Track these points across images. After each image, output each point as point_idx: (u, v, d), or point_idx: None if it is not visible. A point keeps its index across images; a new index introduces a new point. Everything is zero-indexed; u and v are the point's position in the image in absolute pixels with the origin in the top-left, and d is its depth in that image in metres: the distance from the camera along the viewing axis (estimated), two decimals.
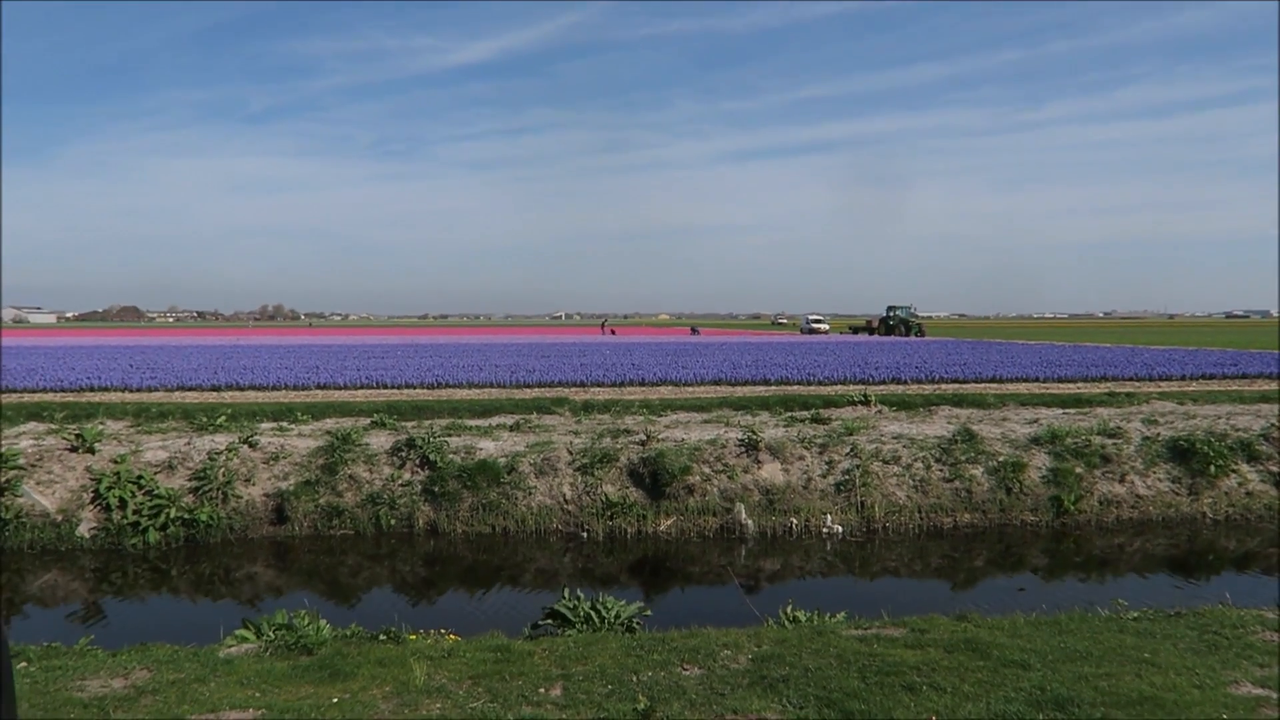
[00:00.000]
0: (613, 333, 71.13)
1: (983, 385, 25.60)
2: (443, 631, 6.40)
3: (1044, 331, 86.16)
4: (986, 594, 11.31)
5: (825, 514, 13.80)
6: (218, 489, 13.59)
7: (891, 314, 68.54)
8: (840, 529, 13.63)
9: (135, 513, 13.19)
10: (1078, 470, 14.69)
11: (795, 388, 25.53)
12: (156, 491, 13.41)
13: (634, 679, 4.96)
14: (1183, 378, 26.78)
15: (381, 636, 5.96)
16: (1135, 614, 6.75)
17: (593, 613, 6.62)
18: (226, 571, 12.73)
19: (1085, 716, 4.37)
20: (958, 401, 20.41)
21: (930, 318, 79.45)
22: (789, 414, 18.14)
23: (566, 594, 7.15)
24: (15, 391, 25.09)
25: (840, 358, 34.24)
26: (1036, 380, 26.84)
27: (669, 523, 13.74)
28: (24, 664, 5.50)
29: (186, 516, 13.23)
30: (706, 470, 14.31)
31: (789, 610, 7.06)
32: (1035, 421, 16.90)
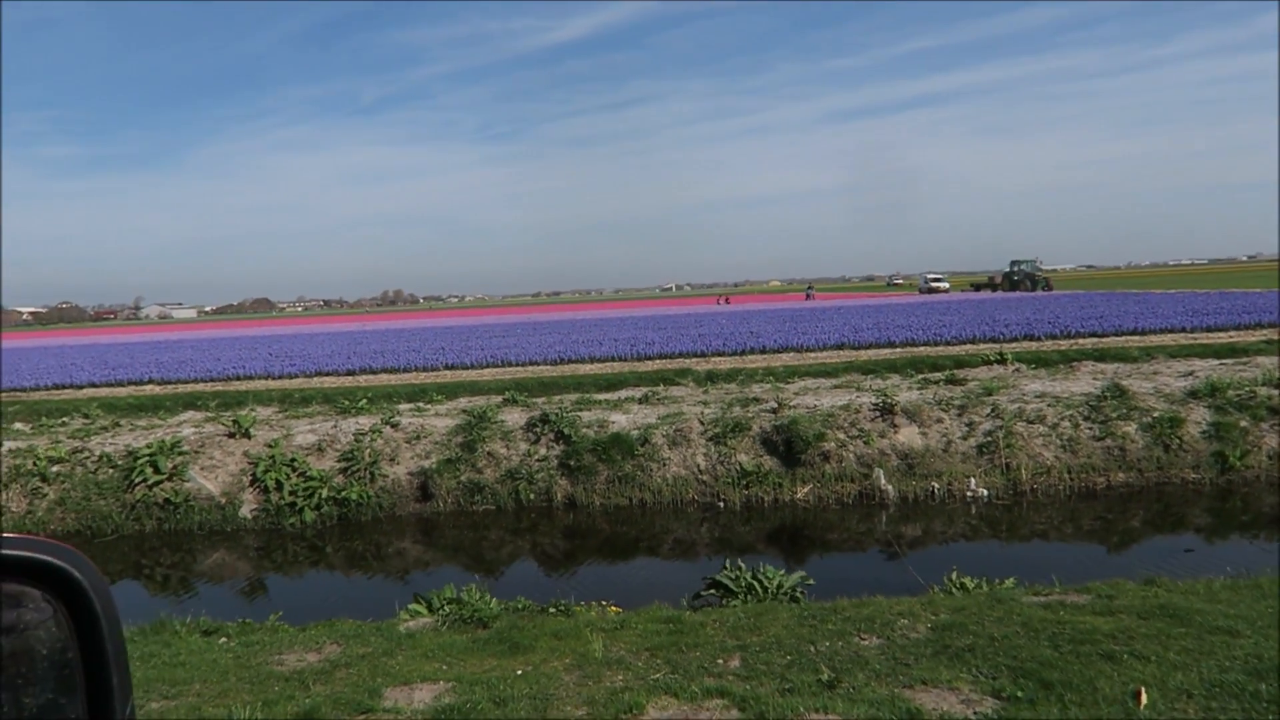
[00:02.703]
0: (727, 302, 70.67)
1: (1123, 338, 24.30)
2: (604, 604, 6.45)
3: (1182, 279, 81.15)
4: (1151, 555, 10.73)
5: (968, 477, 13.35)
6: (365, 469, 14.10)
7: (1015, 269, 65.74)
8: (985, 492, 13.16)
9: (291, 494, 13.83)
10: (1242, 424, 13.75)
11: (922, 349, 24.82)
12: (309, 473, 14.02)
13: (811, 649, 4.87)
14: None
15: (551, 610, 6.05)
16: None
17: (755, 583, 6.55)
18: (378, 548, 13.24)
19: None
20: (1099, 356, 19.42)
21: (1054, 271, 75.70)
22: (921, 376, 17.62)
23: (728, 565, 7.10)
24: (170, 383, 26.72)
25: (965, 316, 33.08)
26: (1183, 330, 25.32)
27: (806, 490, 13.55)
28: (224, 639, 5.84)
29: (338, 496, 13.79)
30: (841, 436, 14.02)
31: (954, 577, 6.83)
32: (1190, 374, 15.90)
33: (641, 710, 4.16)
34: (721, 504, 13.56)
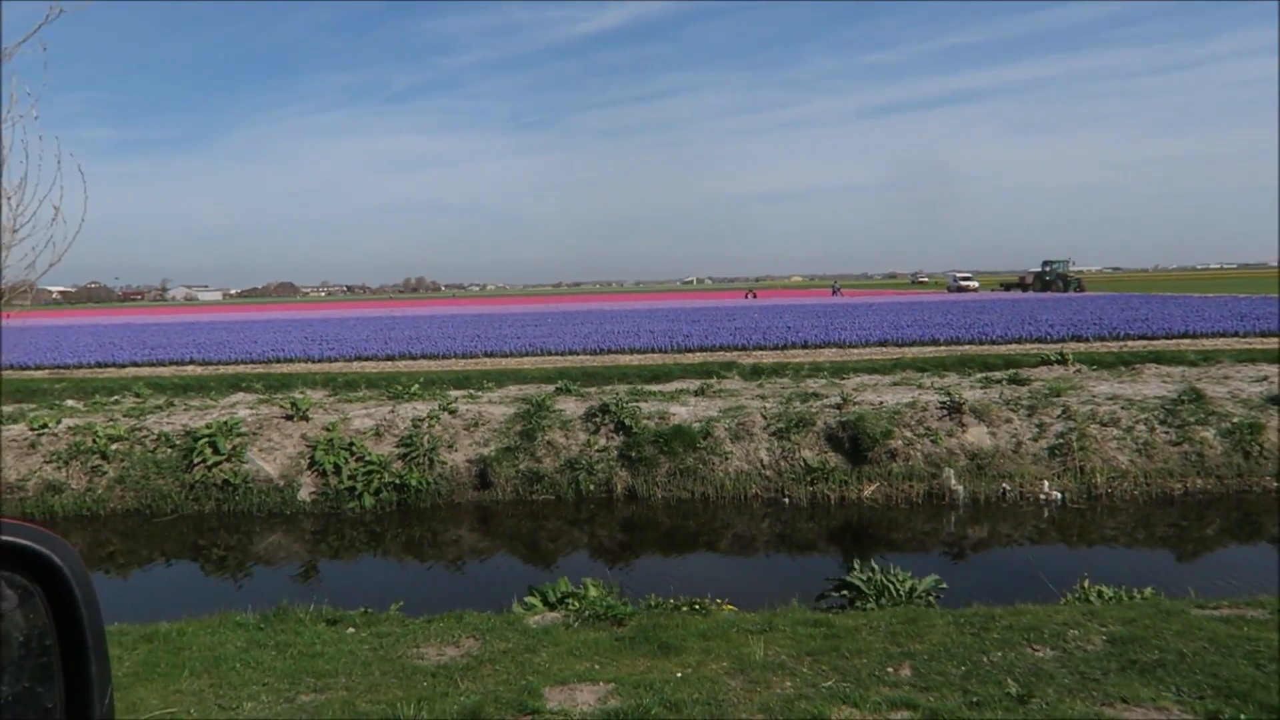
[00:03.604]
0: (755, 296, 70.26)
1: (1173, 341, 23.86)
2: (719, 602, 6.20)
3: (1214, 283, 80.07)
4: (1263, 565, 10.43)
5: (1041, 479, 13.03)
6: (424, 455, 13.90)
7: (1047, 269, 64.98)
8: (1059, 495, 12.84)
9: (350, 478, 13.65)
10: None
11: (966, 347, 24.48)
12: (367, 457, 13.84)
13: (984, 659, 4.60)
14: None
15: (683, 607, 5.80)
16: None
17: (888, 585, 6.28)
18: (436, 535, 13.05)
19: None
20: (1154, 359, 19.03)
21: (1082, 272, 74.82)
22: (982, 375, 17.28)
23: (857, 565, 6.83)
24: (210, 364, 26.67)
25: (1003, 315, 32.63)
26: (1235, 334, 24.84)
27: (872, 488, 13.26)
28: (351, 629, 5.62)
29: (397, 481, 13.60)
30: (908, 434, 13.72)
31: (1085, 585, 6.54)
32: (1264, 379, 15.50)
33: None
34: (786, 500, 13.30)
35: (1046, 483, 12.98)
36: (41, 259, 4.80)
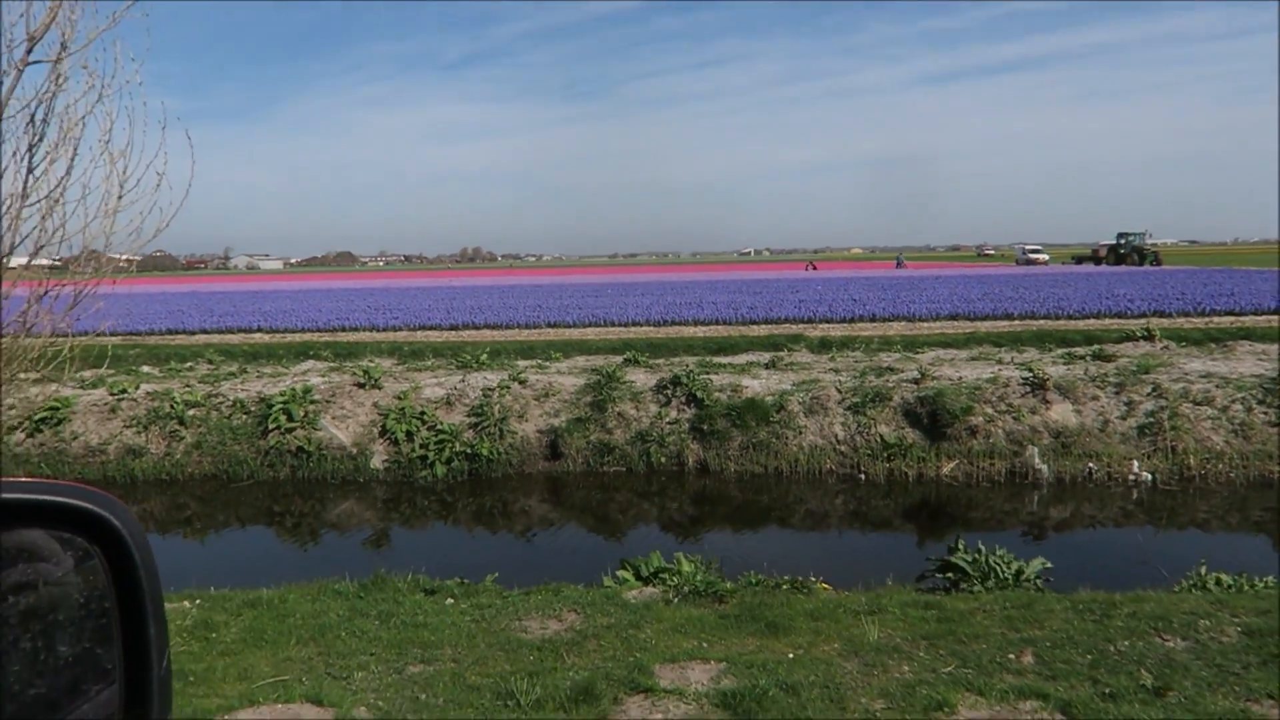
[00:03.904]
0: (814, 268, 69.46)
1: (1265, 318, 22.95)
2: (815, 579, 6.09)
3: None
4: None
5: (1130, 459, 12.63)
6: (494, 425, 13.96)
7: (1123, 241, 62.93)
8: (1149, 476, 12.43)
9: (422, 447, 13.77)
10: None
11: (1041, 322, 23.86)
12: (439, 427, 13.94)
13: (1111, 648, 4.43)
14: None
15: (784, 585, 5.71)
16: None
17: (994, 568, 6.11)
18: (505, 505, 13.12)
19: None
20: (1244, 335, 18.34)
21: (1158, 245, 72.32)
22: (1063, 350, 16.81)
23: (961, 545, 6.66)
24: (277, 331, 27.16)
25: (1079, 290, 31.74)
26: None
27: (951, 466, 12.99)
28: (450, 600, 5.65)
29: (469, 451, 13.68)
30: (989, 410, 13.39)
31: (1203, 571, 6.29)
32: None
33: (953, 709, 3.78)
34: (862, 476, 13.10)
35: (1136, 463, 12.58)
36: (148, 224, 4.80)
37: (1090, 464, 12.71)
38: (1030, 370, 14.06)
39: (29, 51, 4.17)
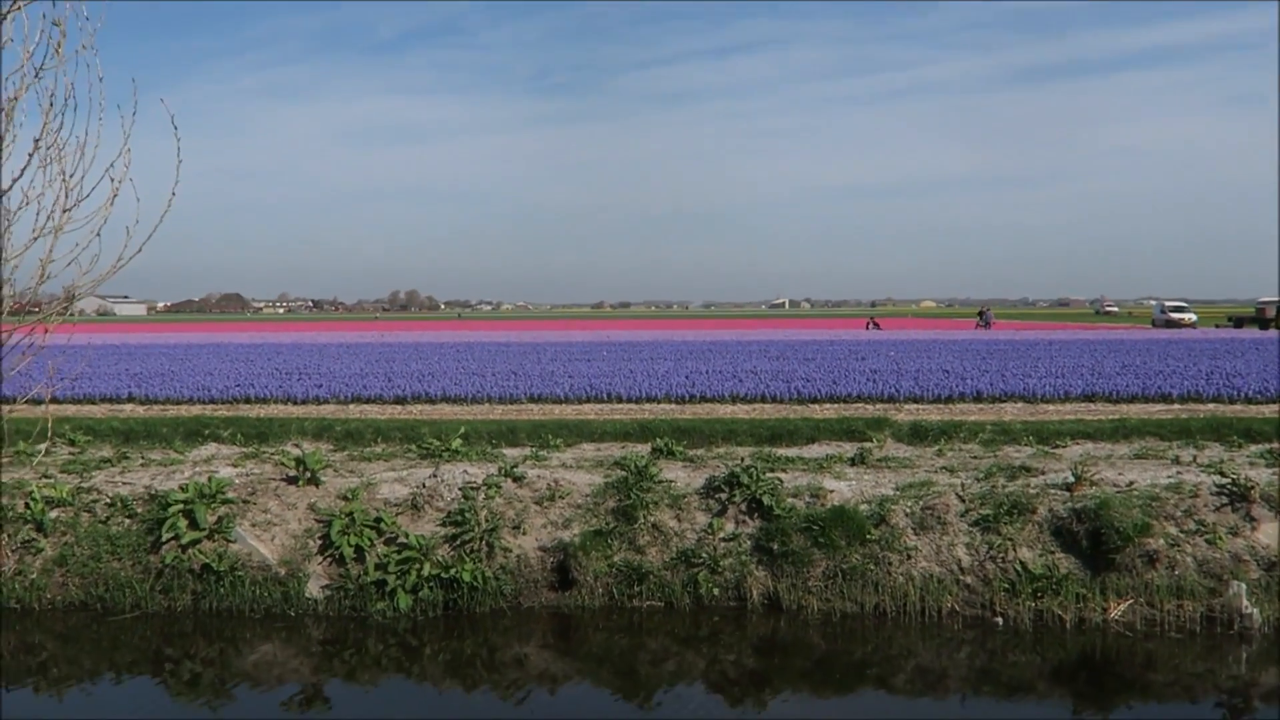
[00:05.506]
0: (877, 326, 70.05)
1: None
2: None
3: None
4: None
5: None
6: (480, 538, 13.66)
7: None
8: None
9: (379, 568, 13.44)
10: None
11: (1212, 406, 23.85)
12: (403, 540, 13.63)
13: None
14: None
15: None
16: None
17: None
18: (492, 652, 12.86)
19: None
20: None
21: None
22: (1261, 447, 16.65)
23: None
24: (155, 402, 26.88)
25: (1252, 362, 31.78)
26: None
27: (1123, 607, 12.72)
28: None
29: (444, 575, 13.35)
30: (1173, 530, 13.17)
31: None
32: None
33: None
34: (999, 620, 12.82)
35: None
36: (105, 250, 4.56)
37: None
38: (1223, 474, 13.90)
39: None
